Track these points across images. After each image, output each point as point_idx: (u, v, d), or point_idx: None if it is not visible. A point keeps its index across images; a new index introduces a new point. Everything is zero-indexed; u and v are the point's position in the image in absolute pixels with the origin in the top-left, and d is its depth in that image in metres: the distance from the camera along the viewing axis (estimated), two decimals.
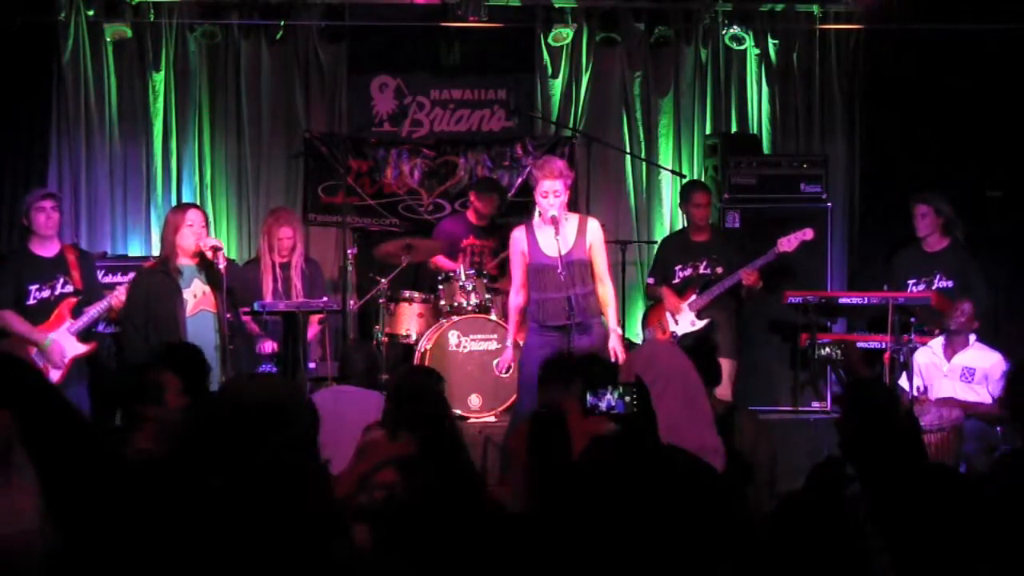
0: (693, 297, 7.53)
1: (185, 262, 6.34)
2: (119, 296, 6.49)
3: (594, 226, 6.17)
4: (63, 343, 6.54)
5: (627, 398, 3.37)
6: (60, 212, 6.79)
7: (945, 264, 7.62)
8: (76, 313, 6.58)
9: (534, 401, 5.82)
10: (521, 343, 6.35)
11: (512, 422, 6.21)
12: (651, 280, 7.95)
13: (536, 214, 6.17)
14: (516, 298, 6.26)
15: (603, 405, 3.38)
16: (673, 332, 7.53)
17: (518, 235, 6.23)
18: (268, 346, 7.33)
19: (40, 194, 6.78)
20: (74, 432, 2.29)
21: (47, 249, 6.61)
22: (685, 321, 7.54)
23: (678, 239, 8.04)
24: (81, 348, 6.61)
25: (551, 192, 6.00)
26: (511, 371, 6.67)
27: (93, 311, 6.58)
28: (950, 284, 7.55)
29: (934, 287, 7.58)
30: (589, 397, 3.37)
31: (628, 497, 2.25)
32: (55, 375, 6.46)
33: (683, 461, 3.08)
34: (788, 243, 7.64)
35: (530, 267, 6.16)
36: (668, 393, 3.93)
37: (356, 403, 5.60)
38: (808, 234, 7.66)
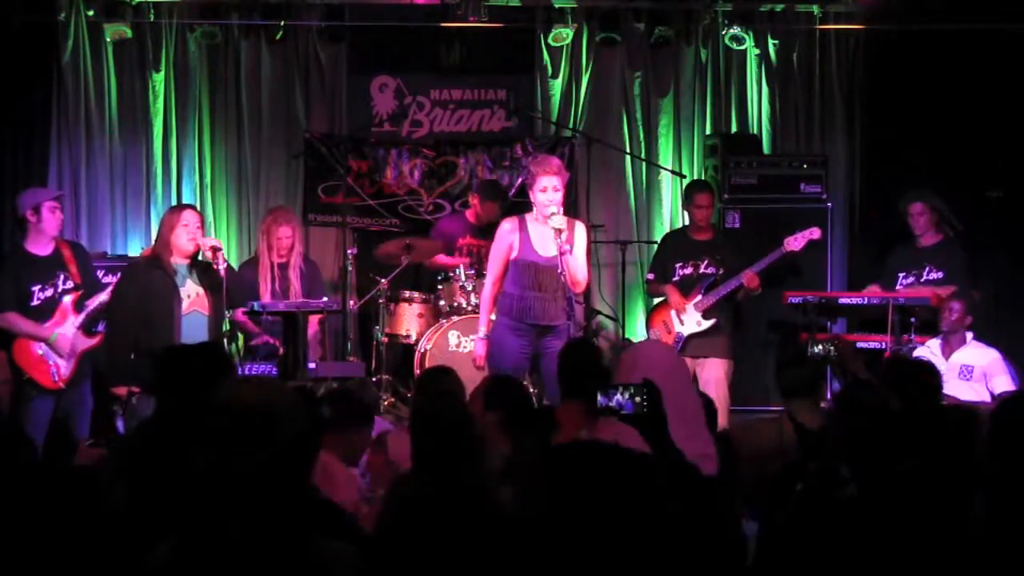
0: (699, 297, 7.50)
1: (178, 261, 6.36)
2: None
3: (581, 229, 6.22)
4: (71, 337, 6.53)
5: (637, 398, 3.30)
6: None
7: (934, 256, 7.65)
8: (79, 307, 6.57)
9: None
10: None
11: None
12: (651, 276, 7.93)
13: (533, 211, 6.16)
14: (494, 289, 6.24)
15: (613, 404, 3.29)
16: (679, 332, 7.49)
17: (508, 227, 6.20)
18: (262, 339, 7.31)
19: (54, 195, 6.76)
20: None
21: (44, 247, 6.56)
22: (691, 321, 7.51)
23: (679, 237, 8.02)
24: (88, 342, 6.59)
25: (550, 188, 5.99)
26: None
27: (93, 304, 6.55)
28: (940, 275, 7.56)
29: (923, 279, 7.59)
30: (599, 396, 3.29)
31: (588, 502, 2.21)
32: (65, 369, 6.47)
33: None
34: (795, 242, 7.61)
35: (516, 262, 6.13)
36: None
37: None
38: (815, 233, 7.64)
